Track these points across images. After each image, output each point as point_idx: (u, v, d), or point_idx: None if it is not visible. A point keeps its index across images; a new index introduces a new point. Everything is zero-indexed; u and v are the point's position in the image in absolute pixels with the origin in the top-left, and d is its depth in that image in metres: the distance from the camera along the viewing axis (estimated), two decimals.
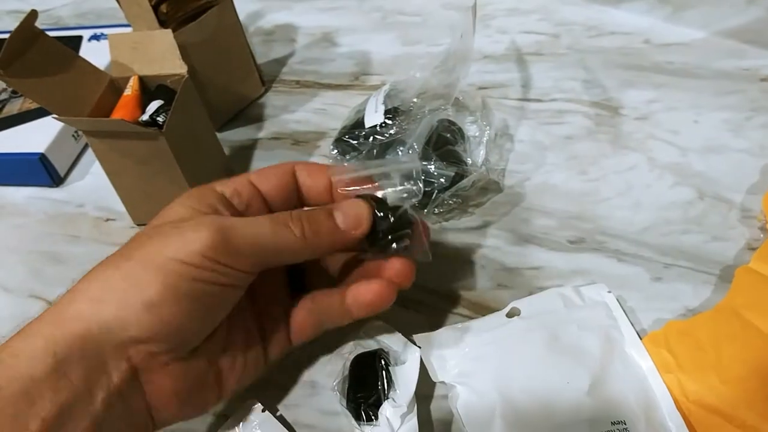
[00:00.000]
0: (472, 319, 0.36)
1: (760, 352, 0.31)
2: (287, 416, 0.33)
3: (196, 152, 0.43)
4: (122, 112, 0.41)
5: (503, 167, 0.45)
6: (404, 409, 0.31)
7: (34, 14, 0.37)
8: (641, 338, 0.33)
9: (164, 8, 0.46)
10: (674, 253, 0.38)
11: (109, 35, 0.43)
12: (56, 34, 0.60)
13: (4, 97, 0.56)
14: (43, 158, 0.50)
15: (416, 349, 0.33)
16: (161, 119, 0.40)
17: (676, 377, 0.31)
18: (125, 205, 0.45)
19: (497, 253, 0.40)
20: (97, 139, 0.41)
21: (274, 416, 0.32)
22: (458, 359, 0.33)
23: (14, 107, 0.55)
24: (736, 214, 0.39)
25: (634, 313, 0.35)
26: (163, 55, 0.42)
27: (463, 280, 0.39)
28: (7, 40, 0.35)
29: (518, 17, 0.58)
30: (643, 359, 0.32)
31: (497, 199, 0.43)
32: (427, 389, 0.33)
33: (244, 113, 0.55)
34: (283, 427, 0.32)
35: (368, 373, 0.33)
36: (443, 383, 0.33)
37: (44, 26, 0.41)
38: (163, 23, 0.46)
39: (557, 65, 0.53)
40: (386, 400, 0.32)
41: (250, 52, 0.53)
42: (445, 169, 0.40)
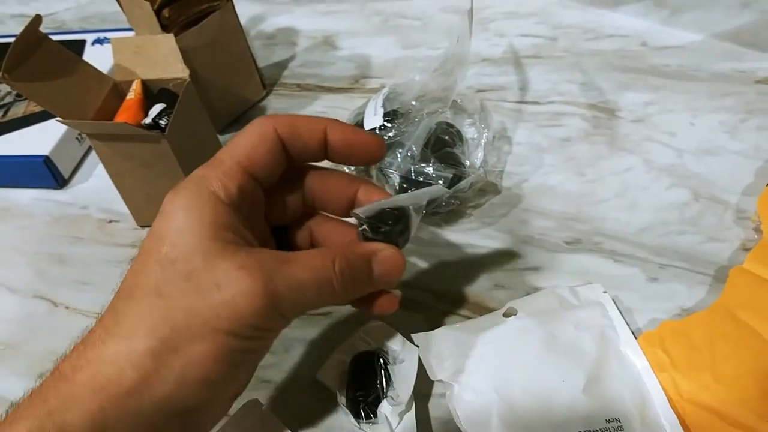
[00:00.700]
0: (469, 318, 0.37)
1: (753, 351, 0.32)
2: (287, 414, 0.34)
3: (198, 154, 0.44)
4: (125, 115, 0.42)
5: (501, 169, 0.45)
6: (402, 407, 0.32)
7: (38, 19, 0.37)
8: (636, 338, 0.34)
9: (166, 13, 0.47)
10: (670, 253, 0.38)
11: (112, 39, 0.44)
12: (60, 38, 0.60)
13: (8, 100, 0.57)
14: (47, 160, 0.50)
15: (414, 348, 0.34)
16: (164, 122, 0.41)
17: (670, 376, 0.32)
18: (128, 206, 0.46)
19: (495, 253, 0.40)
20: (100, 141, 0.41)
21: (274, 414, 0.33)
22: (456, 358, 0.33)
23: (19, 110, 0.55)
24: (731, 215, 0.40)
25: (629, 312, 0.36)
26: (165, 59, 0.43)
27: (461, 280, 0.39)
28: (11, 44, 0.35)
29: (516, 20, 0.59)
30: (638, 358, 0.33)
31: (495, 200, 0.43)
32: (425, 388, 0.34)
33: (245, 116, 0.55)
34: (282, 424, 0.32)
35: (367, 371, 0.33)
36: (441, 382, 0.33)
37: (48, 30, 0.41)
38: (165, 27, 0.46)
39: (555, 68, 0.53)
40: (385, 398, 0.32)
41: (251, 55, 0.54)
42: (443, 171, 0.40)
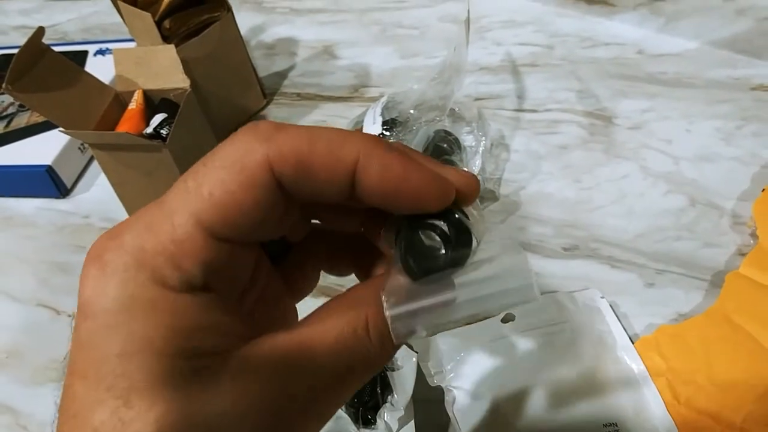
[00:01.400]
0: (467, 324, 0.37)
1: (749, 355, 0.32)
2: None
3: None
4: (127, 125, 0.42)
5: (499, 176, 0.46)
6: (402, 412, 0.32)
7: (41, 31, 0.38)
8: (633, 342, 0.34)
9: (167, 24, 0.47)
10: (667, 259, 0.39)
11: (113, 50, 0.44)
12: (62, 49, 0.61)
13: (12, 111, 0.57)
14: (50, 170, 0.51)
15: (413, 354, 0.34)
16: (165, 132, 0.41)
17: (667, 380, 0.32)
18: (130, 216, 0.46)
19: None
20: (102, 151, 0.42)
21: None
22: (454, 364, 0.34)
23: (22, 121, 0.56)
24: (727, 220, 0.40)
25: (627, 318, 0.36)
26: (166, 69, 0.43)
27: None
28: (15, 56, 0.36)
29: (513, 29, 0.59)
30: (635, 363, 0.33)
31: (493, 207, 0.44)
32: (424, 393, 0.34)
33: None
34: None
35: None
36: (440, 387, 0.33)
37: (50, 41, 0.42)
38: (166, 38, 0.47)
39: (552, 76, 0.54)
40: (384, 404, 0.32)
41: (251, 65, 0.55)
42: None
